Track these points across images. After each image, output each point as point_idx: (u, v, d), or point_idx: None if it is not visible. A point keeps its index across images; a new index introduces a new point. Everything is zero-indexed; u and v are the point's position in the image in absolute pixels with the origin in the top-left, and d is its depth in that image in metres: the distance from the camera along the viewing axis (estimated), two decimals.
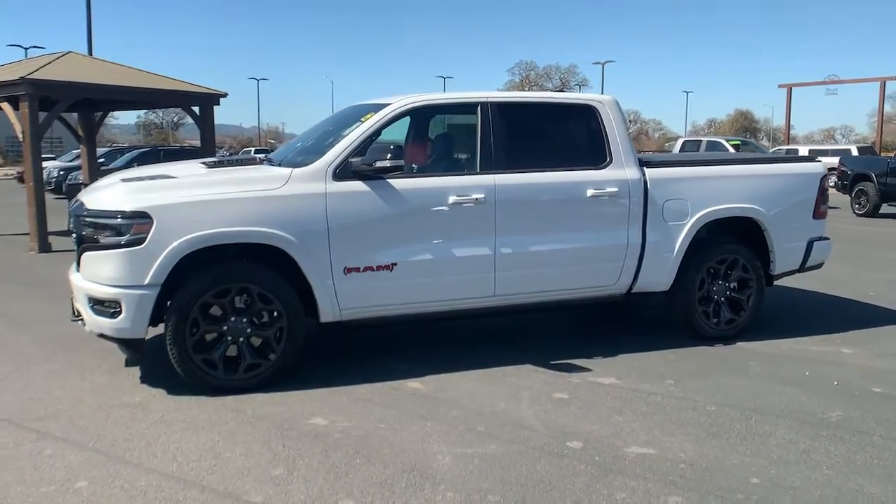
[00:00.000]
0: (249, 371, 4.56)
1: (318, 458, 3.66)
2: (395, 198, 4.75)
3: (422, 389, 4.65)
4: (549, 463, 3.62)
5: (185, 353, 4.42)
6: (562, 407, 4.37)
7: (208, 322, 4.48)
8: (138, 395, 4.51)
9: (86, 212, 4.47)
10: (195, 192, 4.44)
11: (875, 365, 5.23)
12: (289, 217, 4.53)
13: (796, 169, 6.07)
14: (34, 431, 3.96)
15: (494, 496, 3.29)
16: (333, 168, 4.70)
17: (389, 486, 3.37)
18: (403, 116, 4.99)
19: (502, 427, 4.06)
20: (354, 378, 4.79)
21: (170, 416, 4.20)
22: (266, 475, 3.48)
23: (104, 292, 4.36)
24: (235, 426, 4.05)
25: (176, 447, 3.78)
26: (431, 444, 3.82)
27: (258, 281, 4.52)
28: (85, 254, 4.47)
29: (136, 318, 4.34)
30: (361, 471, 3.52)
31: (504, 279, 5.08)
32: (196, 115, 12.36)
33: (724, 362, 5.27)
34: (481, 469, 3.55)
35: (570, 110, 5.51)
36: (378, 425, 4.07)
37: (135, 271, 4.30)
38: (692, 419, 4.20)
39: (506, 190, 4.99)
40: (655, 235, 5.46)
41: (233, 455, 3.69)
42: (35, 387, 4.68)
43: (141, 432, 3.96)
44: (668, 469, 3.57)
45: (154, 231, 4.29)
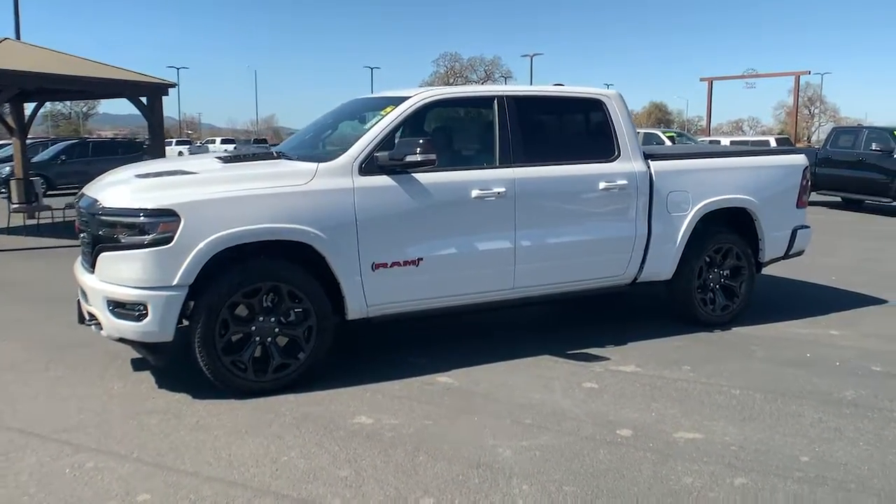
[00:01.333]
0: (278, 372, 4.44)
1: (379, 457, 3.61)
2: (421, 192, 4.71)
3: (454, 384, 4.64)
4: (609, 452, 3.69)
5: (214, 356, 4.27)
6: (595, 396, 4.46)
7: (237, 322, 4.34)
8: (162, 401, 4.33)
9: (103, 210, 4.24)
10: (222, 189, 4.28)
11: (865, 346, 5.56)
12: (318, 213, 4.43)
13: (782, 161, 6.36)
14: (66, 444, 3.75)
15: (570, 487, 3.33)
16: (359, 162, 4.61)
17: (463, 483, 3.36)
18: (424, 109, 4.94)
19: (547, 418, 4.11)
20: (380, 375, 4.74)
21: (206, 421, 4.04)
22: (334, 477, 3.41)
23: (128, 294, 4.15)
24: (280, 429, 3.94)
25: (227, 453, 3.65)
26: (486, 439, 3.83)
27: (288, 279, 4.40)
28: (103, 254, 4.23)
29: (165, 320, 4.15)
30: (429, 468, 3.50)
31: (522, 272, 5.13)
32: (144, 105, 11.83)
33: (729, 347, 5.49)
34: (545, 461, 3.59)
35: (578, 104, 5.59)
36: (424, 422, 4.05)
37: (162, 272, 4.11)
38: (722, 403, 4.36)
39: (525, 183, 5.03)
40: (660, 226, 5.62)
41: (290, 458, 3.59)
42: (46, 396, 4.42)
43: (182, 440, 3.80)
44: (721, 452, 3.70)
45: (182, 229, 4.11)
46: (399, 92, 5.30)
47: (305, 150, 5.17)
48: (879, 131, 15.18)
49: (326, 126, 5.79)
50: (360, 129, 5.16)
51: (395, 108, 4.88)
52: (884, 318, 6.41)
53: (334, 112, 5.94)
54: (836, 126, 16.56)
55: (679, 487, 3.34)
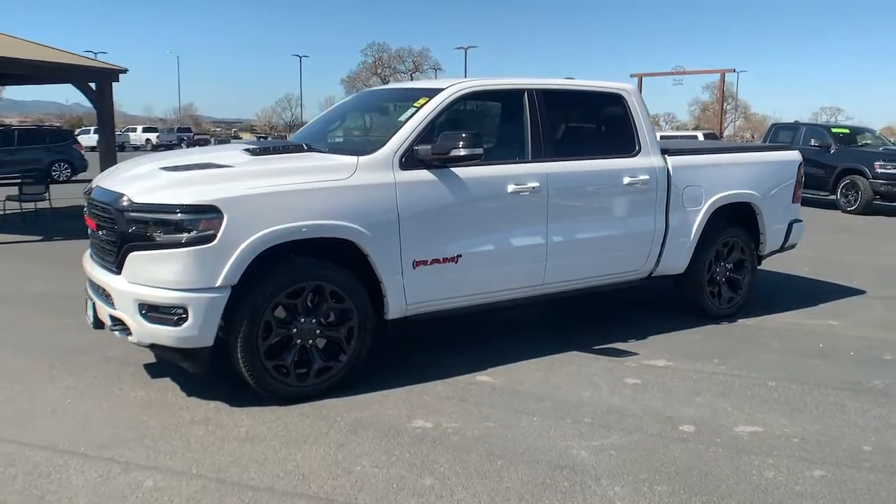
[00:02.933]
0: (321, 375, 4.23)
1: (456, 463, 3.48)
2: (460, 187, 4.57)
3: (496, 383, 4.54)
4: (682, 449, 3.68)
5: (257, 361, 4.02)
6: (642, 391, 4.45)
7: (279, 325, 4.10)
8: (199, 411, 4.05)
9: (134, 206, 3.90)
10: (263, 183, 4.02)
11: (867, 335, 5.78)
12: (361, 209, 4.23)
13: (780, 157, 6.53)
14: (111, 461, 3.44)
15: (661, 486, 3.30)
16: (399, 156, 4.43)
17: (553, 487, 3.28)
18: (459, 101, 4.79)
19: (606, 416, 4.07)
20: (418, 376, 4.59)
21: (255, 431, 3.80)
22: (419, 486, 3.26)
23: (165, 297, 3.84)
24: (338, 436, 3.75)
25: (294, 465, 3.43)
26: (556, 440, 3.76)
27: (332, 278, 4.19)
28: (133, 254, 3.91)
29: (206, 324, 3.87)
30: (512, 473, 3.39)
31: (553, 267, 5.07)
32: (93, 92, 11.12)
33: (746, 339, 5.60)
34: (624, 460, 3.54)
35: (600, 98, 5.57)
36: (486, 424, 3.94)
37: (205, 272, 3.83)
38: (764, 396, 4.43)
39: (556, 178, 4.97)
40: (676, 221, 5.67)
41: (364, 468, 3.41)
42: (65, 409, 4.06)
43: (238, 452, 3.56)
44: (786, 445, 3.75)
45: (225, 226, 3.84)
46: (426, 83, 5.16)
47: (332, 143, 4.93)
48: (817, 128, 15.93)
49: (342, 117, 5.56)
50: (389, 122, 4.98)
51: (428, 99, 4.71)
52: (870, 308, 6.69)
53: (347, 104, 5.72)
54: (776, 123, 17.27)
55: (764, 482, 3.36)
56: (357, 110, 5.64)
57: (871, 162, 14.38)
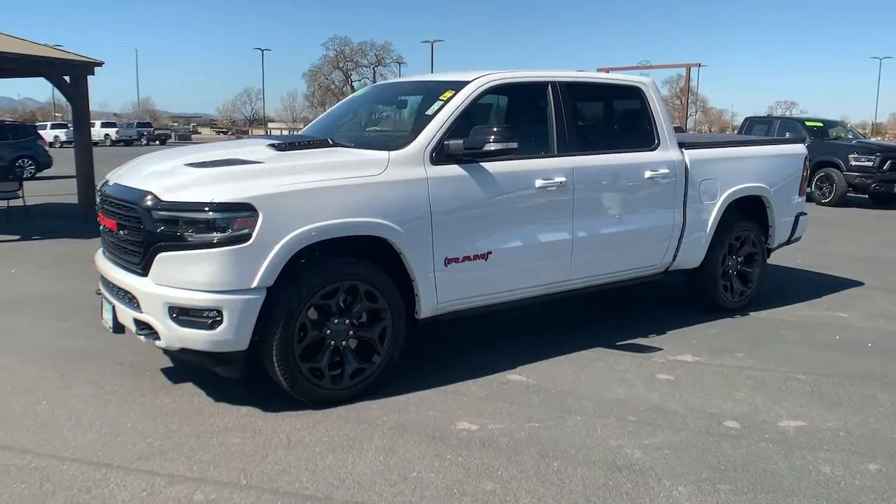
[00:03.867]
0: (355, 377, 4.10)
1: (512, 466, 3.39)
2: (490, 182, 4.48)
3: (530, 382, 4.46)
4: (733, 446, 3.65)
5: (293, 364, 3.87)
6: (677, 388, 4.41)
7: (313, 326, 3.96)
8: (230, 417, 3.88)
9: (163, 204, 3.71)
10: (297, 179, 3.87)
11: (878, 326, 5.85)
12: (395, 205, 4.11)
13: (788, 150, 6.58)
14: (153, 474, 3.27)
15: (723, 485, 3.26)
16: (430, 151, 4.31)
17: (618, 488, 3.21)
18: (485, 94, 4.68)
19: (649, 414, 4.02)
20: (449, 376, 4.49)
21: (297, 437, 3.66)
22: (481, 491, 3.16)
23: (199, 300, 3.67)
24: (384, 440, 3.63)
25: (346, 472, 3.31)
26: (606, 439, 3.69)
27: (367, 277, 4.06)
28: (162, 255, 3.72)
29: (242, 327, 3.71)
30: (572, 475, 3.32)
31: (577, 263, 5.01)
32: (68, 85, 10.72)
33: (762, 333, 5.61)
34: (678, 459, 3.50)
35: (620, 91, 5.52)
36: (530, 424, 3.86)
37: (240, 273, 3.67)
38: (798, 389, 4.43)
39: (582, 172, 4.90)
40: (693, 214, 5.66)
41: (420, 474, 3.30)
42: (90, 418, 3.85)
43: (285, 459, 3.41)
44: (833, 438, 3.75)
45: (261, 225, 3.68)
46: (443, 76, 5.04)
47: (355, 137, 4.79)
48: (791, 122, 16.21)
49: (355, 112, 5.42)
50: (410, 115, 4.87)
51: (455, 92, 4.59)
52: (873, 300, 6.78)
53: (360, 98, 5.57)
54: (749, 117, 17.51)
55: (823, 478, 3.35)
56: (372, 104, 5.50)
57: (846, 154, 14.67)
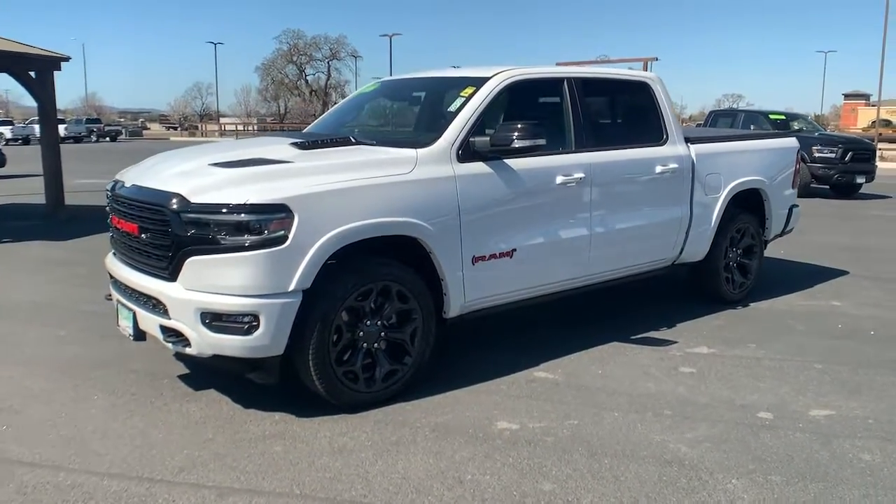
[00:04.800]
0: (388, 379, 4.03)
1: (564, 465, 3.38)
2: (514, 179, 4.45)
3: (556, 379, 4.45)
4: (772, 437, 3.70)
5: (329, 368, 3.78)
6: (703, 380, 4.46)
7: (348, 329, 3.87)
8: (265, 424, 3.77)
9: (193, 206, 3.58)
10: (329, 179, 3.77)
11: (875, 315, 6.02)
12: (425, 204, 4.05)
13: (782, 143, 6.71)
14: (200, 486, 3.15)
15: (775, 476, 3.30)
16: (456, 148, 4.26)
17: (673, 484, 3.22)
18: (507, 91, 4.64)
19: (683, 408, 4.05)
20: (474, 375, 4.45)
21: (339, 442, 3.58)
22: (540, 492, 3.14)
23: (234, 305, 3.55)
24: (428, 443, 3.57)
25: (399, 478, 3.24)
26: (648, 435, 3.71)
27: (399, 278, 3.99)
28: (193, 259, 3.59)
29: (278, 332, 3.61)
30: (626, 471, 3.32)
31: (595, 258, 5.03)
32: (33, 81, 10.29)
33: (767, 323, 5.72)
34: (725, 452, 3.52)
35: (629, 86, 5.54)
36: (570, 422, 3.85)
37: (277, 276, 3.56)
38: (818, 378, 4.52)
39: (599, 168, 4.91)
40: (699, 208, 5.73)
41: (475, 477, 3.26)
42: (116, 431, 3.69)
43: (333, 466, 3.33)
44: (864, 426, 3.83)
45: (297, 227, 3.57)
46: (457, 72, 5.01)
47: (375, 135, 4.70)
48: (755, 115, 16.58)
49: (365, 108, 5.32)
50: (426, 112, 4.83)
51: (476, 89, 4.54)
52: (862, 288, 6.96)
53: (369, 94, 5.48)
54: (714, 109, 17.87)
55: (865, 465, 3.42)
56: (383, 101, 5.41)
57: (809, 146, 15.06)
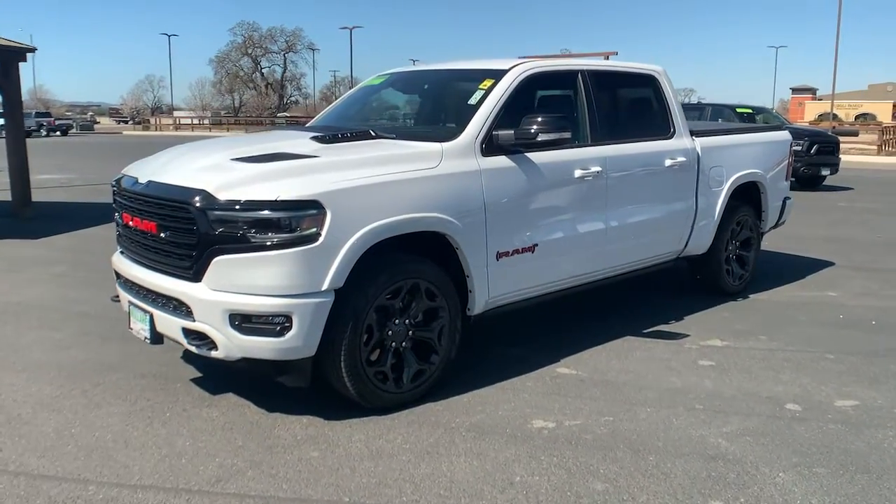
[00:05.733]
0: (416, 379, 3.93)
1: (611, 462, 3.33)
2: (536, 173, 4.38)
3: (582, 375, 4.41)
4: (806, 429, 3.72)
5: (360, 368, 3.67)
6: (725, 373, 4.47)
7: (377, 328, 3.76)
8: (294, 429, 3.64)
9: (220, 204, 3.41)
10: (357, 174, 3.64)
11: (870, 304, 6.14)
12: (453, 199, 3.95)
13: (776, 136, 6.78)
14: (244, 496, 3.01)
15: (818, 468, 3.31)
16: (479, 142, 4.17)
17: (723, 479, 3.20)
18: (526, 83, 4.56)
19: (712, 402, 4.04)
20: (498, 373, 4.38)
21: (375, 446, 3.47)
22: (593, 492, 3.08)
23: (266, 305, 3.41)
24: (466, 444, 3.49)
25: (447, 481, 3.15)
26: (685, 430, 3.69)
27: (428, 275, 3.89)
28: (220, 258, 3.43)
29: (311, 333, 3.48)
30: (673, 468, 3.29)
31: (610, 252, 5.00)
32: None
33: (771, 315, 5.78)
34: (765, 445, 3.53)
35: (638, 79, 5.51)
36: (605, 418, 3.81)
37: (310, 275, 3.43)
38: (834, 369, 4.58)
39: (614, 162, 4.88)
40: (703, 201, 5.75)
41: (524, 478, 3.19)
42: (138, 439, 3.52)
43: (374, 471, 3.23)
44: (891, 416, 3.88)
45: (329, 224, 3.44)
46: (472, 64, 4.92)
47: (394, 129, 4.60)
48: (722, 108, 16.83)
49: (375, 100, 5.20)
50: (448, 105, 4.73)
51: (494, 81, 4.46)
52: (851, 278, 7.10)
53: (380, 86, 5.34)
54: (683, 104, 18.03)
55: None
56: (392, 94, 5.28)
57: None
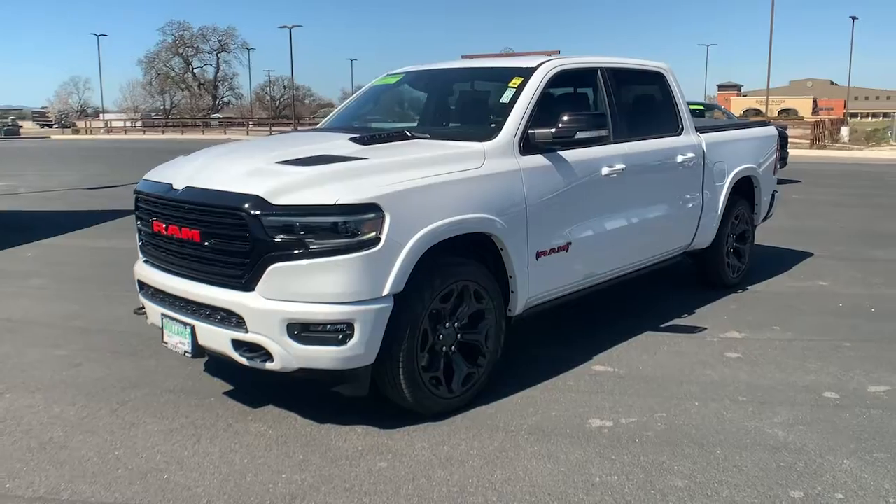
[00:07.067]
0: (466, 383, 3.86)
1: (681, 458, 3.34)
2: (569, 171, 4.37)
3: (618, 372, 4.43)
4: (851, 415, 3.81)
5: (417, 374, 3.58)
6: (755, 365, 4.55)
7: (432, 332, 3.67)
8: (351, 440, 3.52)
9: (276, 209, 3.26)
10: (410, 176, 3.55)
11: (862, 292, 6.36)
12: (498, 199, 3.90)
13: (765, 132, 6.96)
14: None
15: (879, 454, 3.39)
16: (518, 141, 4.14)
17: (794, 469, 3.25)
18: (553, 80, 4.53)
19: (754, 393, 4.11)
20: (538, 373, 4.35)
21: (441, 453, 3.39)
22: (675, 488, 3.09)
23: (328, 313, 3.28)
24: (532, 447, 3.45)
25: (529, 485, 3.10)
26: (739, 422, 3.73)
27: (478, 277, 3.83)
28: (275, 266, 3.28)
29: (372, 340, 3.37)
30: (743, 461, 3.32)
31: (632, 248, 5.04)
32: None
33: (775, 305, 5.93)
34: (820, 434, 3.60)
35: (647, 76, 5.56)
36: (658, 414, 3.82)
37: (371, 281, 3.32)
38: (855, 356, 4.71)
39: (634, 159, 4.91)
40: (708, 196, 5.85)
41: (604, 479, 3.16)
42: (194, 460, 3.34)
43: (453, 480, 3.15)
44: None
45: (389, 227, 3.34)
46: (497, 62, 4.89)
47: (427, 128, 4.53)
48: None
49: (390, 99, 5.10)
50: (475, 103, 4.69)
51: (523, 79, 4.43)
52: (835, 268, 7.34)
53: (396, 84, 5.24)
54: None
55: None
56: (407, 93, 5.18)
57: None
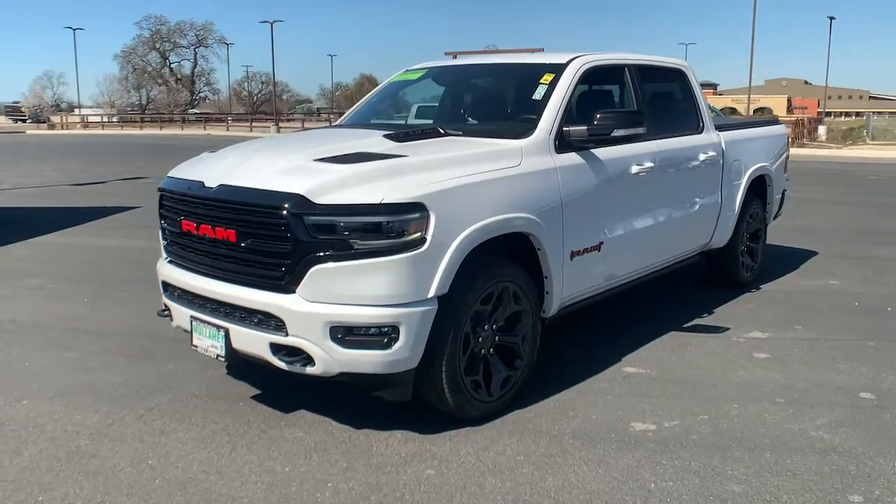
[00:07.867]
0: (504, 386, 3.78)
1: (732, 462, 3.28)
2: (601, 169, 4.30)
3: (650, 373, 4.37)
4: (892, 416, 3.79)
5: (459, 378, 3.49)
6: (786, 365, 4.52)
7: (473, 335, 3.58)
8: (392, 445, 3.43)
9: (319, 208, 3.15)
10: (452, 174, 3.45)
11: (873, 292, 6.37)
12: (535, 198, 3.82)
13: (776, 130, 6.95)
14: None
15: None
16: (553, 138, 4.05)
17: (846, 472, 3.21)
18: (585, 76, 4.46)
19: (789, 394, 4.07)
20: (569, 376, 4.29)
21: (488, 459, 3.30)
22: (731, 493, 3.03)
23: (374, 316, 3.18)
24: (579, 452, 3.37)
25: (583, 492, 3.03)
26: (780, 425, 3.69)
27: (517, 278, 3.74)
28: (317, 267, 3.17)
29: (417, 343, 3.27)
30: (794, 465, 3.27)
31: (659, 247, 5.00)
32: None
33: (792, 305, 5.91)
34: (863, 436, 3.56)
35: (669, 74, 5.51)
36: (700, 417, 3.77)
37: (417, 283, 3.22)
38: (880, 356, 4.70)
39: (661, 157, 4.86)
40: (727, 194, 5.82)
41: (659, 485, 3.10)
42: (233, 468, 3.22)
43: (505, 487, 3.07)
44: None
45: (434, 227, 3.24)
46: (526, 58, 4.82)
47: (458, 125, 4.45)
48: None
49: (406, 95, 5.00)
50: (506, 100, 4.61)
51: (555, 76, 4.35)
52: (842, 267, 7.33)
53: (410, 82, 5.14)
54: None
55: None
56: (434, 88, 5.07)
57: None
